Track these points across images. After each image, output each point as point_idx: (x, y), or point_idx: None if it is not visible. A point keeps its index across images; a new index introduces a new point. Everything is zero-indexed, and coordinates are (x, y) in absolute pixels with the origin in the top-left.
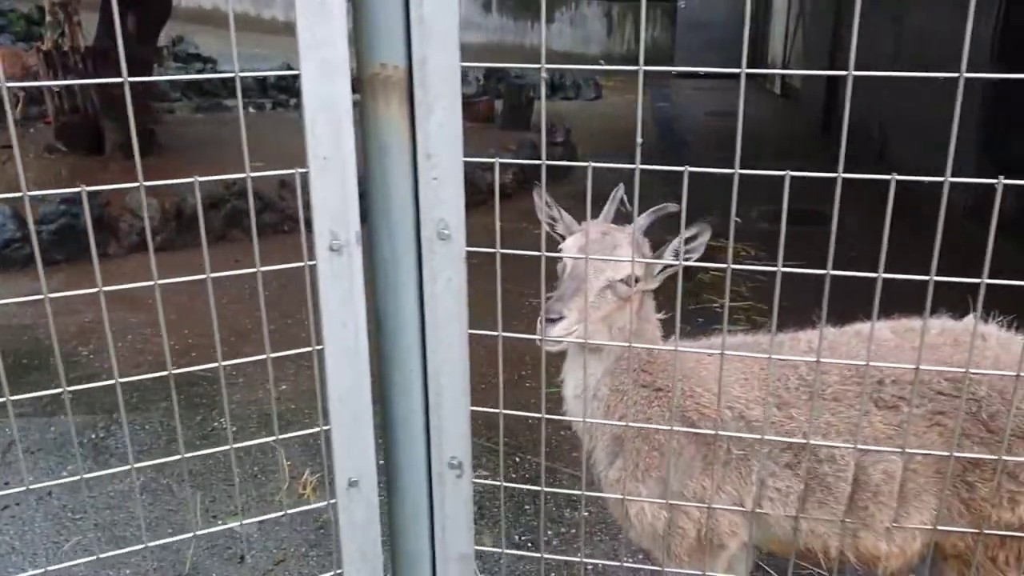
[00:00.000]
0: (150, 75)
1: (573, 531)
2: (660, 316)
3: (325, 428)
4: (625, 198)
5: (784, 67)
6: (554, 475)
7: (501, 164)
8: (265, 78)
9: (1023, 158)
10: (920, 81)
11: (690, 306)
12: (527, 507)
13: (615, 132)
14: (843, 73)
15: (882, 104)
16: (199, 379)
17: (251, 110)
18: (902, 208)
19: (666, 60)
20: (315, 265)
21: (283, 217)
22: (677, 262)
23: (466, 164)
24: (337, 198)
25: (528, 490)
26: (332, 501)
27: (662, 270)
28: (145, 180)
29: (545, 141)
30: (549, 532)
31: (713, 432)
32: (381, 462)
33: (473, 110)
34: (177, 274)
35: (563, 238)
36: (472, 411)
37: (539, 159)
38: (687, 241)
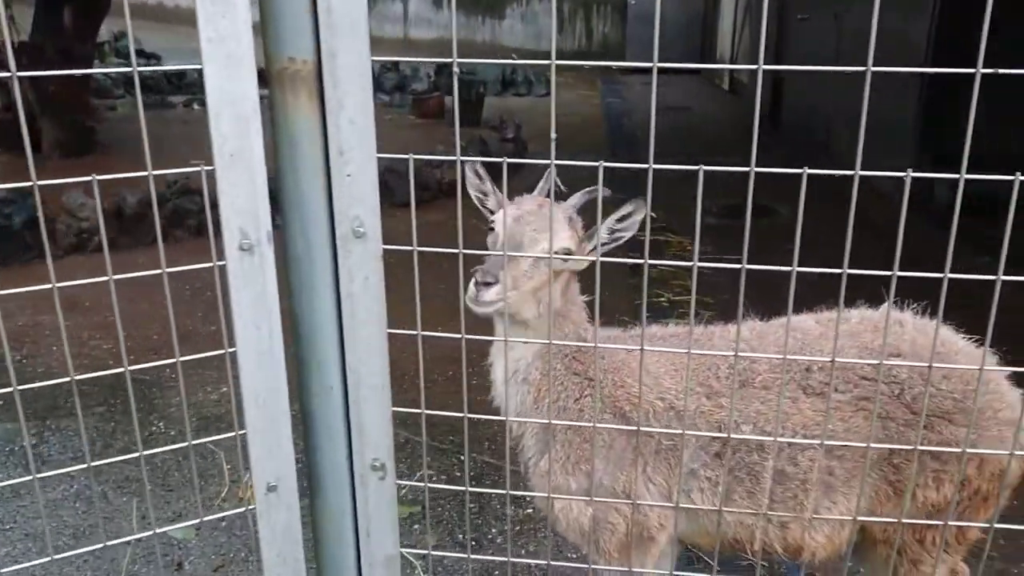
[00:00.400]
0: (89, 69)
1: (518, 527)
2: (585, 298)
3: (241, 433)
4: (557, 180)
5: (732, 62)
6: (498, 471)
7: (447, 162)
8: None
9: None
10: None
11: (637, 300)
12: (472, 505)
13: (567, 128)
14: (752, 67)
15: (826, 100)
16: (137, 384)
17: (196, 107)
18: (840, 193)
19: (617, 56)
20: (225, 265)
21: None
22: (625, 235)
23: (414, 161)
24: (246, 196)
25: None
26: (251, 507)
27: (593, 249)
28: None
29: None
30: (493, 530)
31: (637, 426)
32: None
33: (423, 107)
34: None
35: (493, 213)
36: (406, 412)
37: (490, 155)
38: (620, 220)
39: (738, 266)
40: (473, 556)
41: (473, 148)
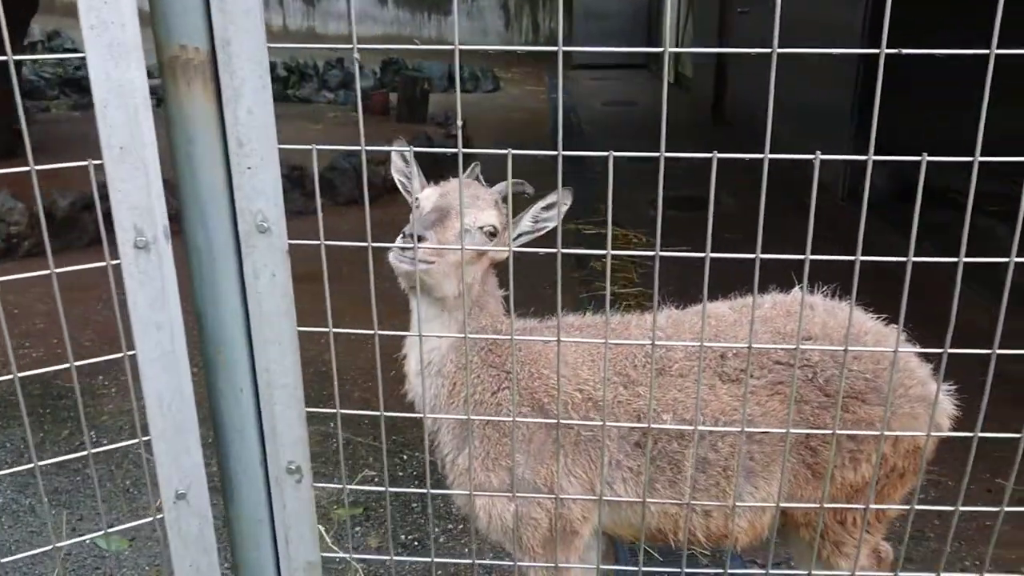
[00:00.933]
0: (18, 72)
1: (461, 527)
2: (503, 293)
3: (145, 439)
4: (481, 176)
5: (676, 57)
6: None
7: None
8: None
9: (896, 140)
10: (797, 67)
11: (582, 294)
12: (414, 505)
13: (513, 123)
14: (657, 50)
15: (765, 89)
16: (67, 391)
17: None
18: (784, 183)
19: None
20: (119, 265)
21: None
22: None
23: (355, 159)
24: (140, 191)
25: (376, 490)
26: (159, 516)
27: (518, 237)
28: (10, 183)
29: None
30: (437, 529)
31: (557, 419)
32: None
33: (369, 103)
34: (48, 281)
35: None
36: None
37: (432, 154)
38: (546, 208)
39: (648, 253)
40: (398, 558)
41: (418, 144)
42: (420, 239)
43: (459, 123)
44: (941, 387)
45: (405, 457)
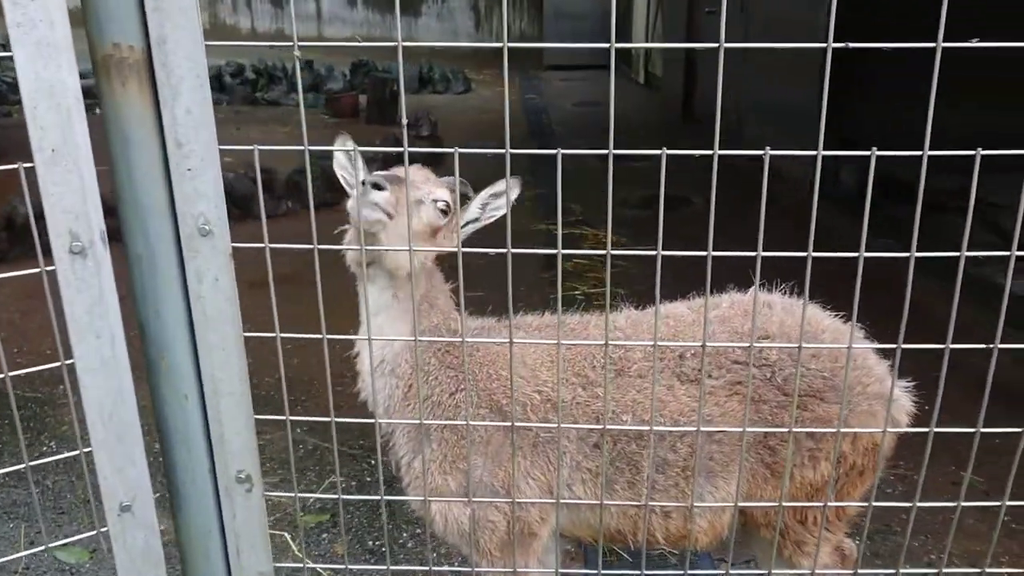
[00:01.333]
0: None
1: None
2: (451, 285)
3: (86, 451)
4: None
5: (646, 57)
6: None
7: (364, 156)
8: None
9: (864, 134)
10: (768, 64)
11: (552, 294)
12: (381, 511)
13: (484, 125)
14: (604, 46)
15: (736, 87)
16: (27, 401)
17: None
18: (750, 181)
19: (535, 53)
20: (55, 271)
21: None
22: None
23: (327, 163)
24: (74, 195)
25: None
26: (103, 529)
27: (465, 226)
28: None
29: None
30: (404, 534)
31: (511, 422)
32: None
33: (338, 105)
34: (10, 289)
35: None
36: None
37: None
38: (494, 196)
39: (602, 252)
40: (353, 566)
41: (388, 146)
42: (377, 187)
43: (403, 121)
44: (897, 383)
45: (373, 462)
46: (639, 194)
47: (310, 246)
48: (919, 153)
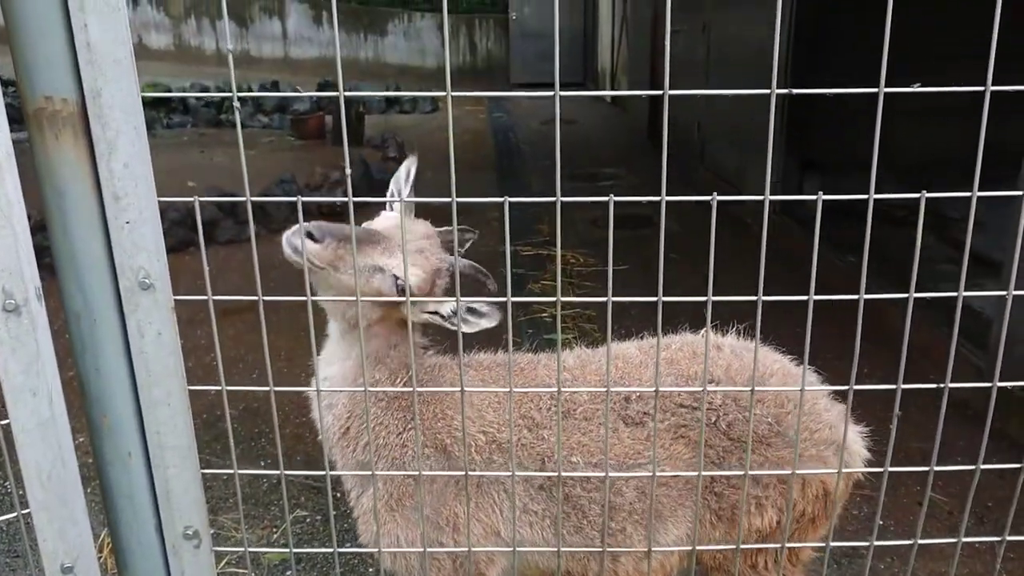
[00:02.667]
0: None
1: None
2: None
3: (24, 513)
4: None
5: (612, 75)
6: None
7: (331, 182)
8: None
9: (823, 158)
10: (728, 81)
11: (520, 317)
12: (348, 544)
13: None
14: (548, 95)
15: (699, 107)
16: None
17: None
18: (719, 208)
19: (502, 71)
20: None
21: None
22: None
23: (291, 187)
24: (6, 252)
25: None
26: None
27: (434, 313)
28: None
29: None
30: (371, 569)
31: (465, 469)
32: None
33: (304, 127)
34: None
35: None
36: (219, 472)
37: (371, 176)
38: (474, 313)
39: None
40: None
41: (354, 169)
42: (311, 236)
43: (347, 171)
44: (851, 428)
45: (339, 495)
46: (605, 214)
47: (254, 298)
48: (864, 197)
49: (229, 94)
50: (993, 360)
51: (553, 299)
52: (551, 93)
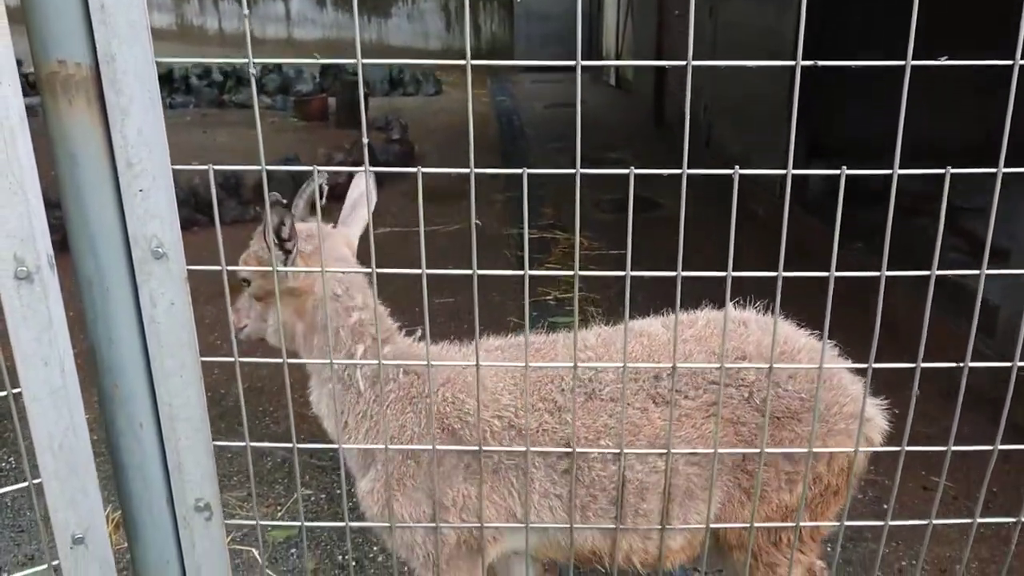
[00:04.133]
0: None
1: None
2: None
3: (35, 482)
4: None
5: (617, 58)
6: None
7: (335, 162)
8: None
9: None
10: (736, 72)
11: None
12: (354, 525)
13: (455, 127)
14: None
15: (706, 91)
16: None
17: None
18: (723, 187)
19: (506, 54)
20: None
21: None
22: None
23: (302, 169)
24: (18, 218)
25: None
26: (55, 563)
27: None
28: None
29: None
30: (375, 547)
31: (479, 447)
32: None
33: (307, 108)
34: None
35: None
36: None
37: (374, 157)
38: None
39: (569, 273)
40: None
41: (357, 150)
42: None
43: (364, 139)
44: (870, 402)
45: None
46: (611, 197)
47: (268, 268)
48: (888, 172)
49: (244, 60)
50: (1000, 347)
51: (570, 272)
52: (572, 63)
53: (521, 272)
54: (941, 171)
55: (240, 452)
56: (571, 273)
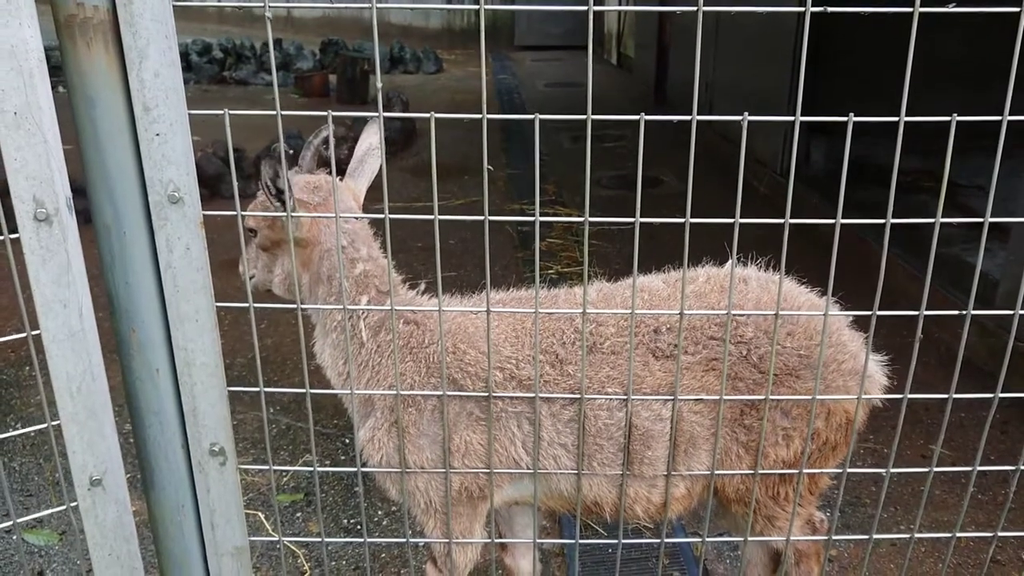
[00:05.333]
0: None
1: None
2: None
3: (54, 424)
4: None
5: (619, 38)
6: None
7: (337, 138)
8: None
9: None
10: (739, 46)
11: (527, 273)
12: (357, 488)
13: (456, 105)
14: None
15: (707, 69)
16: None
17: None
18: (725, 164)
19: (506, 33)
20: (19, 238)
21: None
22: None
23: (297, 142)
24: (38, 160)
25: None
26: (73, 504)
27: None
28: None
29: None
30: (380, 512)
31: (489, 394)
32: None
33: (308, 84)
34: None
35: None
36: (246, 391)
37: (375, 135)
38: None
39: (578, 219)
40: (329, 539)
41: (358, 125)
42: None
43: (378, 85)
44: (871, 355)
45: (348, 440)
46: (611, 174)
47: (282, 214)
48: (895, 119)
49: (260, 3)
50: (999, 319)
51: (580, 219)
52: (584, 7)
53: (531, 218)
54: (947, 119)
55: (245, 419)
56: (580, 220)
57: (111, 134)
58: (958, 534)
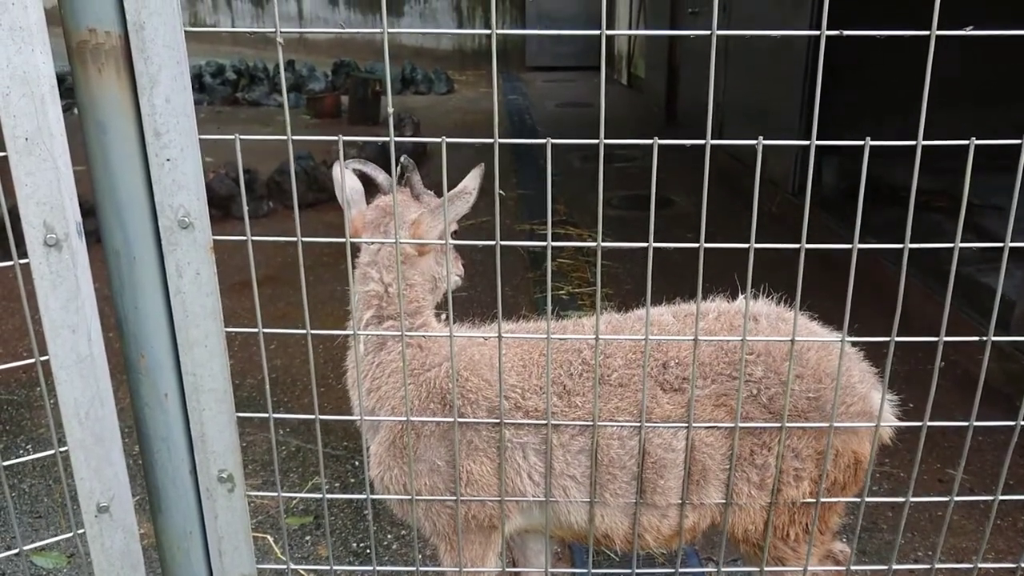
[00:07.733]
0: None
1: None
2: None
3: (62, 451)
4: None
5: (629, 58)
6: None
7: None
8: None
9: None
10: (750, 68)
11: (538, 294)
12: (366, 511)
13: (467, 126)
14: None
15: (718, 90)
16: (3, 404)
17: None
18: (736, 184)
19: (517, 54)
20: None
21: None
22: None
23: (308, 163)
24: (48, 186)
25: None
26: (80, 531)
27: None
28: None
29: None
30: (389, 536)
31: (500, 419)
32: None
33: (320, 105)
34: None
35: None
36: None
37: (386, 155)
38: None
39: (593, 244)
40: (338, 567)
41: (370, 147)
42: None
43: (390, 109)
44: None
45: (357, 463)
46: (621, 194)
47: (293, 239)
48: (912, 143)
49: (272, 29)
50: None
51: (592, 243)
52: (596, 32)
53: (543, 244)
54: (965, 142)
55: (255, 441)
56: (593, 244)
57: (122, 159)
58: (980, 565)
